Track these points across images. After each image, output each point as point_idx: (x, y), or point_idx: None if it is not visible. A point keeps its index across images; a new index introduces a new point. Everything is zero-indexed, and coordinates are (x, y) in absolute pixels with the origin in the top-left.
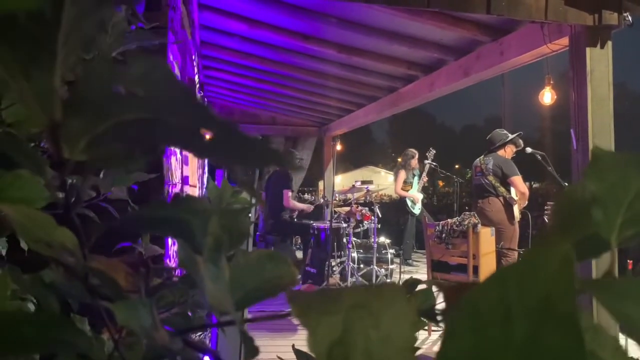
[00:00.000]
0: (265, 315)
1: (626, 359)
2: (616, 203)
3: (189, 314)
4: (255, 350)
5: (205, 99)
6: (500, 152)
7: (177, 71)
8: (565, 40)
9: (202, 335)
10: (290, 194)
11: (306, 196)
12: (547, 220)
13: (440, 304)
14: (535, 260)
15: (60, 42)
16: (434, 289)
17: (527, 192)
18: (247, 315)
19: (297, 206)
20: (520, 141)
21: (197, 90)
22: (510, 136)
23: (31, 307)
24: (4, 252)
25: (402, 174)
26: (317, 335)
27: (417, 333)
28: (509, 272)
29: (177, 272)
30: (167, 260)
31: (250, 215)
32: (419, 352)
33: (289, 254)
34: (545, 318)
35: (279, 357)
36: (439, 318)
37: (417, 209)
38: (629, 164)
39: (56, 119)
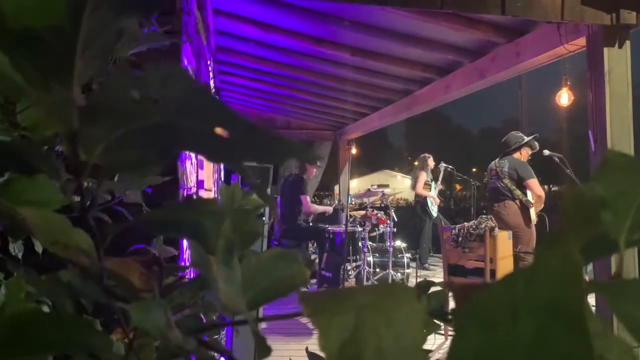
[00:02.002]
0: (277, 315)
1: None
2: (625, 206)
3: (202, 316)
4: (267, 350)
5: None
6: (516, 155)
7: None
8: (582, 41)
9: (216, 338)
10: (308, 198)
11: (325, 201)
12: None
13: (452, 306)
14: (544, 264)
15: (79, 53)
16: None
17: (543, 194)
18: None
19: (318, 209)
20: (536, 143)
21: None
22: (526, 139)
23: (46, 309)
24: (20, 255)
25: (423, 175)
26: (328, 334)
27: (428, 333)
28: (518, 274)
29: (189, 275)
30: (182, 264)
31: (264, 218)
32: (436, 357)
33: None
34: (552, 319)
35: None
36: (450, 318)
37: (434, 211)
38: (638, 168)
39: (74, 127)
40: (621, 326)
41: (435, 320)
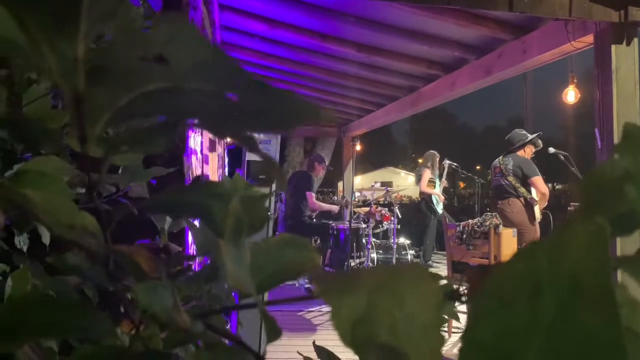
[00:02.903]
0: (284, 299)
1: None
2: None
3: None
4: (277, 332)
5: None
6: (520, 153)
7: None
8: (589, 38)
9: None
10: (313, 195)
11: (330, 197)
12: None
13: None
14: (566, 234)
15: (84, 12)
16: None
17: (547, 192)
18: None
19: (323, 207)
20: (540, 141)
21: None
22: (530, 136)
23: None
24: (25, 249)
25: (428, 172)
26: (340, 313)
27: (443, 313)
28: (539, 248)
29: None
30: None
31: (270, 212)
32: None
33: None
34: (577, 294)
35: (299, 353)
36: (464, 299)
37: (440, 209)
38: None
39: (80, 90)
40: None
41: (448, 302)
